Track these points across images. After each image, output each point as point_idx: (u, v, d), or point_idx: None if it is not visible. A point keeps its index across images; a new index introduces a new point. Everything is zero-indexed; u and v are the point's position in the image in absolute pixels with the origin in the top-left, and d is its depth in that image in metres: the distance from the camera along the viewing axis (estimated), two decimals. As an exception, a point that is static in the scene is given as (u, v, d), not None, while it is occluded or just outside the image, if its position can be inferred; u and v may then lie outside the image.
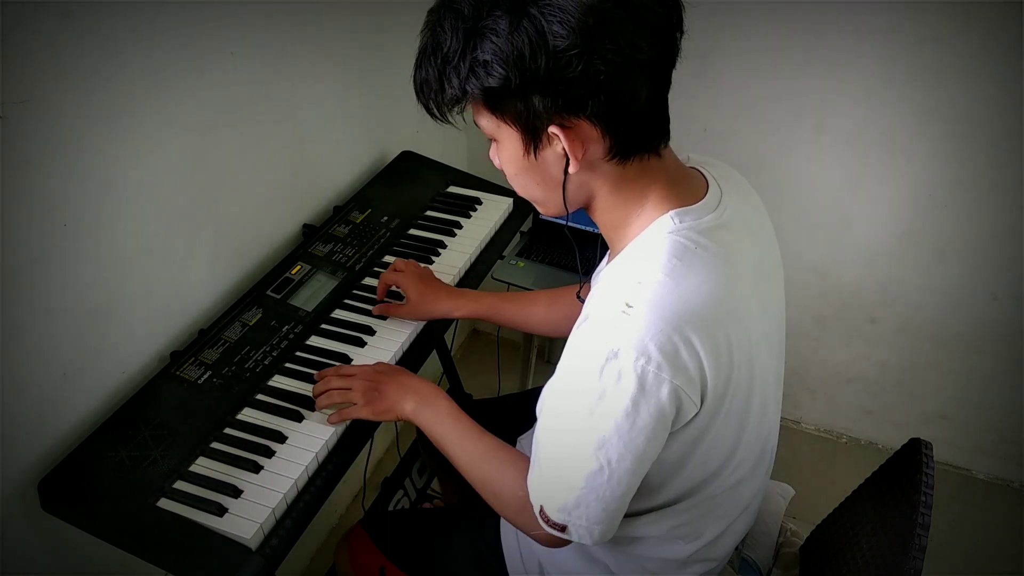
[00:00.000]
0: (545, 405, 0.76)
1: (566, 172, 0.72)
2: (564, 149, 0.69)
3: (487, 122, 0.72)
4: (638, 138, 0.71)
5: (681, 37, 0.69)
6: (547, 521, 0.76)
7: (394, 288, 1.16)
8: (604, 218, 0.78)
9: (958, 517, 1.80)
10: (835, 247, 1.77)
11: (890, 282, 1.77)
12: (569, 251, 1.72)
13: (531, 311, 1.14)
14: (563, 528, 0.75)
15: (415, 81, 0.72)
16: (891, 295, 1.79)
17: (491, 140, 0.76)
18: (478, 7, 0.65)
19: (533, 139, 0.70)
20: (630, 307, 0.67)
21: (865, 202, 1.68)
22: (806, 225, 1.75)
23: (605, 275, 0.78)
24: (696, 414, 0.71)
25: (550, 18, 0.62)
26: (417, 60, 0.71)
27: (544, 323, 1.15)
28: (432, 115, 0.73)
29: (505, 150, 0.74)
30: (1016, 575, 1.74)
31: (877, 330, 1.85)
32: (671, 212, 0.73)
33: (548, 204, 0.79)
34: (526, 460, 0.82)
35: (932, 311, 1.76)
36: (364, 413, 0.96)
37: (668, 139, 0.75)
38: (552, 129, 0.68)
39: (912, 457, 0.89)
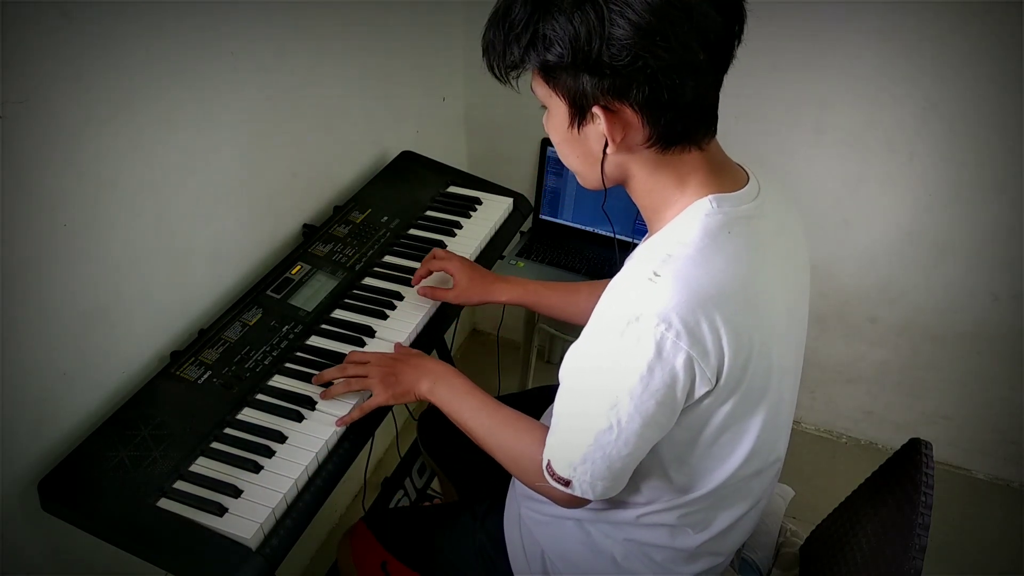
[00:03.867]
0: (567, 363, 0.78)
1: (605, 151, 0.75)
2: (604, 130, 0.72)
3: (541, 89, 0.76)
4: (679, 131, 0.73)
5: (738, 45, 0.71)
6: (552, 475, 0.79)
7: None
8: (643, 201, 0.81)
9: (958, 517, 1.80)
10: (835, 247, 1.77)
11: (890, 282, 1.77)
12: (569, 251, 1.72)
13: (573, 299, 1.16)
14: (567, 483, 0.78)
15: (483, 40, 0.74)
16: (891, 295, 1.79)
17: (543, 107, 0.79)
18: None
19: (579, 114, 0.73)
20: (657, 276, 0.70)
21: (865, 202, 1.68)
22: (806, 225, 1.74)
23: (638, 249, 0.80)
24: (710, 391, 0.72)
25: (612, 7, 0.64)
26: (488, 20, 0.74)
27: (585, 313, 1.16)
28: (493, 75, 0.76)
29: (553, 118, 0.77)
30: (1016, 575, 1.74)
31: (877, 330, 1.85)
32: (710, 196, 0.75)
33: (585, 177, 0.82)
34: (543, 427, 0.84)
35: (932, 311, 1.76)
36: (383, 399, 0.97)
37: (714, 134, 0.77)
38: (595, 109, 0.71)
39: (912, 457, 0.89)
